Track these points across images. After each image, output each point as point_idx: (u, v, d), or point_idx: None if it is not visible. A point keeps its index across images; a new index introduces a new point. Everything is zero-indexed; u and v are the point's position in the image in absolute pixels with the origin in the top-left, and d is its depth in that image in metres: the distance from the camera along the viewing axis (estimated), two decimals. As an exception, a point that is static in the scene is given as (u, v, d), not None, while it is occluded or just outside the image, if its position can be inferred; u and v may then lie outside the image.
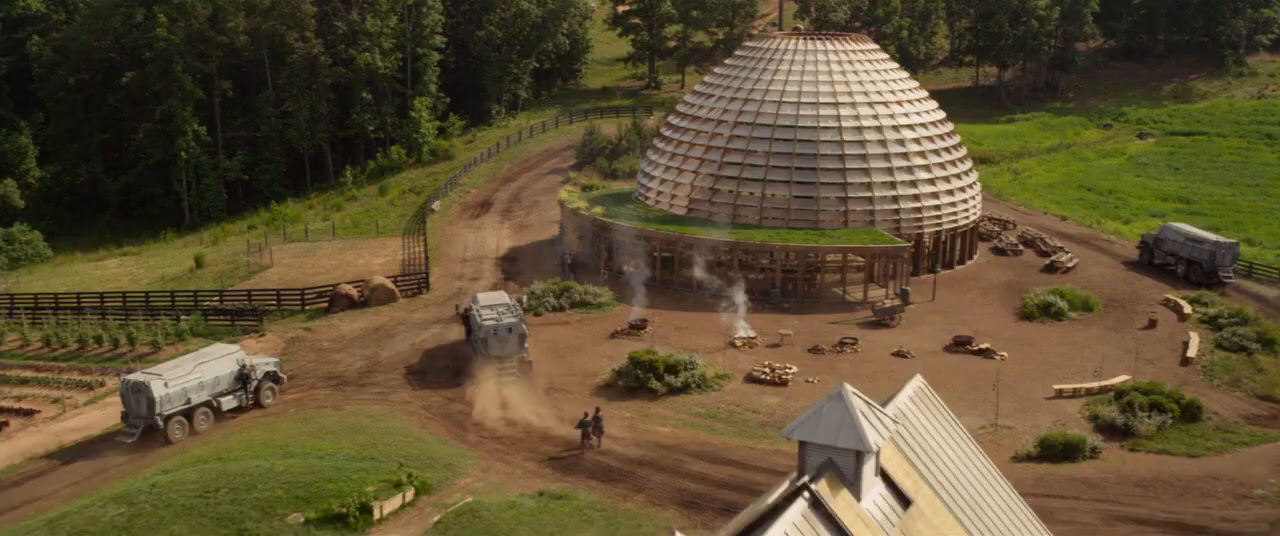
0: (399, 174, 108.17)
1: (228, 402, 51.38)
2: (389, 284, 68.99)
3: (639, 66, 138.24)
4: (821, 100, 71.47)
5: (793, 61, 73.76)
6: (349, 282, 69.69)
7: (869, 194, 69.60)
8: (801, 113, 71.01)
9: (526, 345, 54.15)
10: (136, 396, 48.79)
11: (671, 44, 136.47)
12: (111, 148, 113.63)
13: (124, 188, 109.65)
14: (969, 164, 75.27)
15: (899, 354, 58.07)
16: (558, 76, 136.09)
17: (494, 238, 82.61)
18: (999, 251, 77.15)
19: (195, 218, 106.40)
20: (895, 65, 76.88)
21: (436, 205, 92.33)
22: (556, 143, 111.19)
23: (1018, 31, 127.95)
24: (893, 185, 70.04)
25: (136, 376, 49.60)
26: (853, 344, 58.99)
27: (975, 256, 75.36)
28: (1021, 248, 77.38)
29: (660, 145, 76.69)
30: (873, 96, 72.21)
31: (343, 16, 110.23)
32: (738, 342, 59.03)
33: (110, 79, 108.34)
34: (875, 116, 71.42)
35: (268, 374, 53.24)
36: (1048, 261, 73.95)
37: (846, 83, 72.43)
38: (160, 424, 48.61)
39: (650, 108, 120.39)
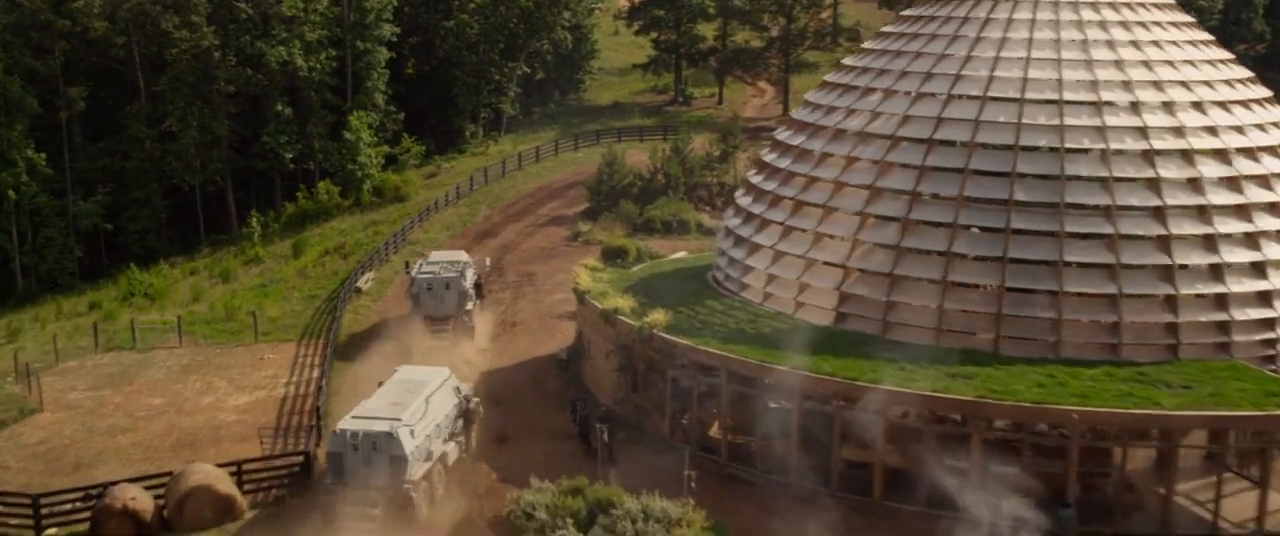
0: (327, 222, 75.09)
1: (453, 453, 34.96)
2: (221, 487, 32.29)
3: (661, 75, 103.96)
4: (1104, 96, 35.88)
5: (1033, 25, 37.92)
6: (142, 479, 33.20)
7: (1219, 287, 33.94)
8: (1068, 121, 35.32)
9: (470, 308, 46.30)
10: (371, 458, 30.83)
11: (706, 46, 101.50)
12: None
13: (-53, 240, 78.61)
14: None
15: None
16: (555, 87, 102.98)
17: (453, 350, 46.22)
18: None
19: (33, 285, 74.64)
20: (1210, 37, 41.07)
21: (365, 281, 56.42)
22: (557, 177, 77.04)
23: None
24: (1262, 269, 34.43)
25: (361, 424, 31.38)
26: None
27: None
28: None
29: (761, 184, 40.93)
30: (1202, 94, 36.69)
31: (248, -5, 77.05)
32: None
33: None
34: (1211, 128, 35.87)
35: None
36: None
37: (1150, 67, 36.84)
38: (412, 494, 30.88)
39: (690, 128, 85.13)
